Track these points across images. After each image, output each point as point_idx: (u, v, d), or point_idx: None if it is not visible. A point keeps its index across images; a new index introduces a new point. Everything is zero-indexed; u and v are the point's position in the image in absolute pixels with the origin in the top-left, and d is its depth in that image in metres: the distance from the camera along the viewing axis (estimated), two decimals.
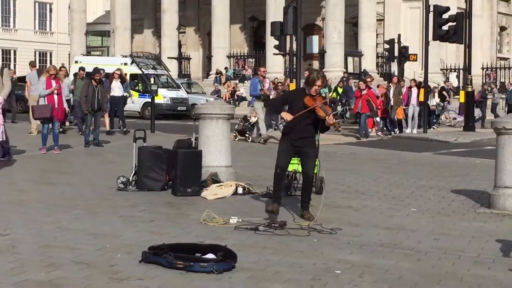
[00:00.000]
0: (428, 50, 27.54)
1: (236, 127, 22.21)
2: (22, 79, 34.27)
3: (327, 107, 9.75)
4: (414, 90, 26.91)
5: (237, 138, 21.68)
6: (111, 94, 23.26)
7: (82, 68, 24.41)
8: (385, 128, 26.89)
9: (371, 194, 12.12)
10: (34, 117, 18.32)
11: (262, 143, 20.82)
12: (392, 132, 26.39)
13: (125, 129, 24.00)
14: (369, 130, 25.75)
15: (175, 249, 7.21)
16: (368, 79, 26.49)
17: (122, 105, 24.88)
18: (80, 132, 22.24)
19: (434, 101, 31.89)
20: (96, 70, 19.92)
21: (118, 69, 25.93)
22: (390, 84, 27.51)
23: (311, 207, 9.80)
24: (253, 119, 22.51)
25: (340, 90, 34.88)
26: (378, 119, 26.87)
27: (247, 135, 22.17)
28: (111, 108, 23.16)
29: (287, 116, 9.64)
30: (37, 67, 27.58)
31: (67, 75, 25.31)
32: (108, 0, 60.27)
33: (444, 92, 35.06)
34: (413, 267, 7.27)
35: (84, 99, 19.26)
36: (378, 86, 28.26)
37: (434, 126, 30.56)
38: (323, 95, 20.72)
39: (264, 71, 23.77)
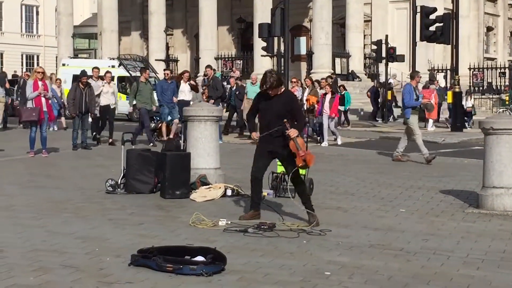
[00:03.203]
0: (415, 51, 27.67)
1: (152, 125, 21.78)
2: (11, 83, 34.33)
3: (301, 139, 9.55)
4: (327, 97, 22.17)
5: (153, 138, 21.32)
6: (180, 98, 21.07)
7: (144, 69, 21.89)
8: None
9: (360, 195, 12.13)
10: (21, 120, 18.24)
11: (426, 163, 16.98)
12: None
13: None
14: None
15: (164, 252, 7.19)
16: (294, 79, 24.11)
17: None
18: (151, 144, 19.50)
19: (470, 102, 32.98)
20: (83, 73, 19.87)
21: (187, 71, 23.84)
22: (306, 86, 23.96)
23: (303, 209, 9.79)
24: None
25: None
26: None
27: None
28: (180, 114, 20.60)
29: (254, 136, 9.74)
30: None
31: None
32: (95, 3, 60.16)
33: None
34: (403, 267, 7.28)
35: (71, 102, 19.23)
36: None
37: (469, 127, 31.04)
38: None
39: (420, 77, 19.12)
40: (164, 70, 22.54)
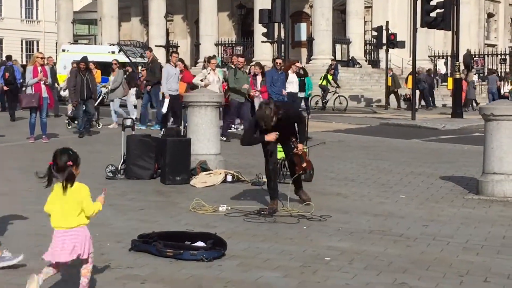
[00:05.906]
0: (416, 37, 27.55)
1: (68, 113, 21.67)
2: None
3: (304, 152, 9.61)
4: (258, 78, 19.79)
5: (70, 126, 20.76)
6: (288, 90, 18.85)
7: (239, 55, 19.32)
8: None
9: (360, 181, 12.14)
10: (21, 106, 18.17)
11: None
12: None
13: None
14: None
15: (165, 237, 7.22)
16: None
17: (299, 104, 19.21)
18: (224, 139, 16.78)
19: (507, 87, 34.10)
20: (84, 59, 19.57)
21: (296, 60, 21.21)
22: (226, 69, 21.10)
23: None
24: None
25: (330, 78, 34.80)
26: None
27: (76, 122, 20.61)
28: None
29: (270, 138, 9.20)
30: None
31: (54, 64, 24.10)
32: None
33: None
34: (402, 253, 7.30)
35: (72, 90, 18.76)
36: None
37: None
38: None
39: None
40: (276, 58, 19.81)
